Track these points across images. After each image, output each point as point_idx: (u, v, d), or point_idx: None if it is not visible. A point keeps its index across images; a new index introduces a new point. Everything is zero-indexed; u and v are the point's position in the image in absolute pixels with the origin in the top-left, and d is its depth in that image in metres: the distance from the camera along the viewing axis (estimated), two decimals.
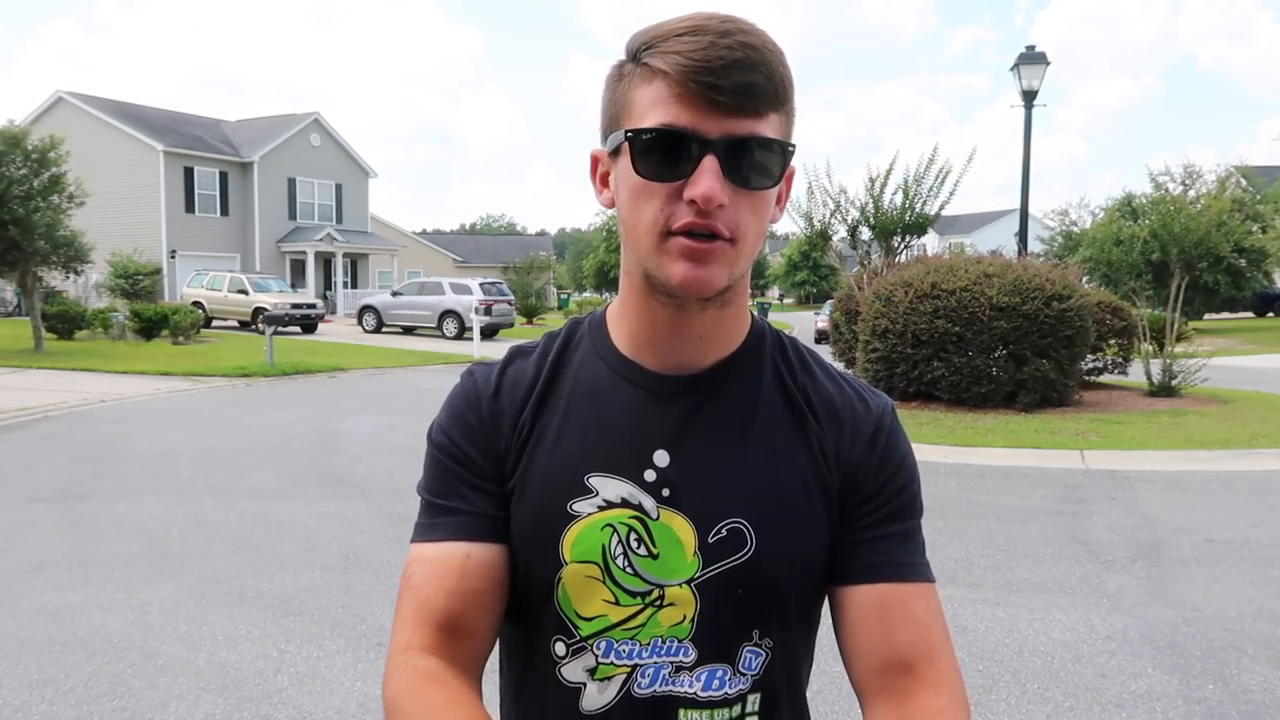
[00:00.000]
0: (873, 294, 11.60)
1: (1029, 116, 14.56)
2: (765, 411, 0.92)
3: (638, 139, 0.81)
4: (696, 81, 0.77)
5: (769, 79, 0.79)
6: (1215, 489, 7.07)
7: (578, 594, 0.88)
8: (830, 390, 0.95)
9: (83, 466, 7.98)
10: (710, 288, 0.83)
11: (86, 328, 21.99)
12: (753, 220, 0.83)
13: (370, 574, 5.01)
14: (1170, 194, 31.40)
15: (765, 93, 0.79)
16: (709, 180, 0.78)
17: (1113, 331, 12.69)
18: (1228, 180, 34.34)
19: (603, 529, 0.87)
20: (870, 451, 0.92)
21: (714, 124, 0.78)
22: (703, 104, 0.78)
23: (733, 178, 0.80)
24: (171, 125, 34.38)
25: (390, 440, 9.43)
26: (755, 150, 0.80)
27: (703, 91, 0.78)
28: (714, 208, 0.79)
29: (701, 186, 0.78)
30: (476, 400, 0.95)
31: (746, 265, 0.86)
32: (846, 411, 0.93)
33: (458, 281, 27.45)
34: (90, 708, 3.42)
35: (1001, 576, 4.93)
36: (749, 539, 0.87)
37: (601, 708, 0.88)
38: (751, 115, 0.79)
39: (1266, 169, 33.96)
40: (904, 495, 0.93)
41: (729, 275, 0.83)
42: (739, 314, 0.93)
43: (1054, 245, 37.28)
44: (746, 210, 0.82)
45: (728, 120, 0.79)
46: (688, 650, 0.87)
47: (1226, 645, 4.00)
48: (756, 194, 0.82)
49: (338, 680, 3.67)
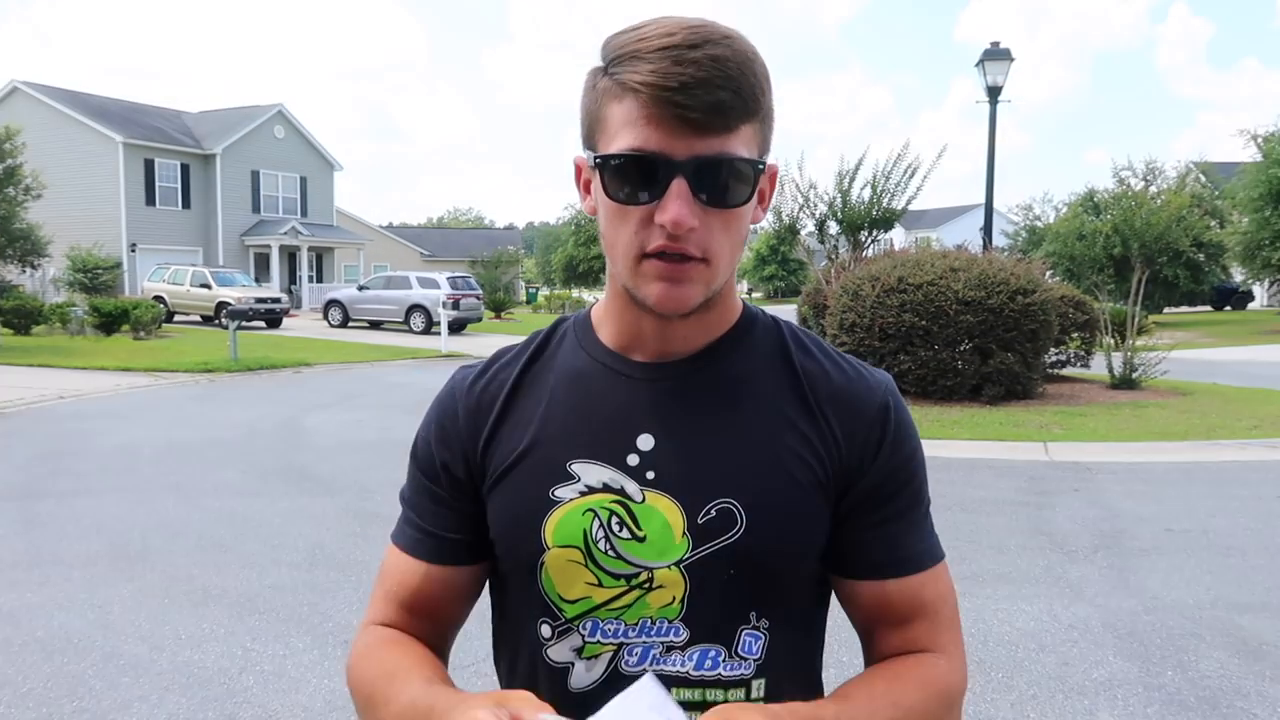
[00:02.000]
0: (840, 288, 11.68)
1: (993, 112, 14.71)
2: (758, 391, 0.92)
3: (606, 164, 0.82)
4: (664, 101, 0.78)
5: (738, 93, 0.79)
6: (1175, 480, 7.21)
7: (560, 577, 0.89)
8: (828, 369, 0.94)
9: (40, 464, 7.83)
10: (686, 305, 0.84)
11: (44, 323, 21.52)
12: (725, 238, 0.83)
13: (337, 571, 4.96)
14: (1132, 189, 31.93)
15: (734, 108, 0.79)
16: (675, 206, 0.79)
17: (1075, 325, 12.89)
18: (1187, 176, 35.01)
19: (584, 514, 0.88)
20: (873, 441, 0.91)
21: (682, 144, 0.79)
22: (670, 124, 0.78)
23: (703, 198, 0.80)
24: (131, 116, 33.76)
25: (357, 436, 9.35)
26: (724, 170, 0.80)
27: (670, 111, 0.78)
28: (683, 231, 0.80)
29: (670, 212, 0.79)
30: (454, 402, 0.98)
31: (724, 279, 0.87)
32: (844, 395, 0.92)
33: (425, 276, 27.22)
34: (50, 709, 3.36)
35: (967, 567, 4.98)
36: (739, 518, 0.87)
37: (589, 685, 0.89)
38: (720, 133, 0.79)
39: (1224, 165, 34.62)
40: (913, 484, 0.94)
41: (705, 292, 0.85)
42: (724, 306, 0.93)
43: (1018, 240, 37.81)
44: (718, 229, 0.82)
45: (696, 140, 0.79)
46: (679, 630, 0.88)
47: (1185, 633, 4.07)
48: (728, 212, 0.83)
49: (304, 678, 3.64)
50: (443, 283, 25.65)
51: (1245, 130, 28.85)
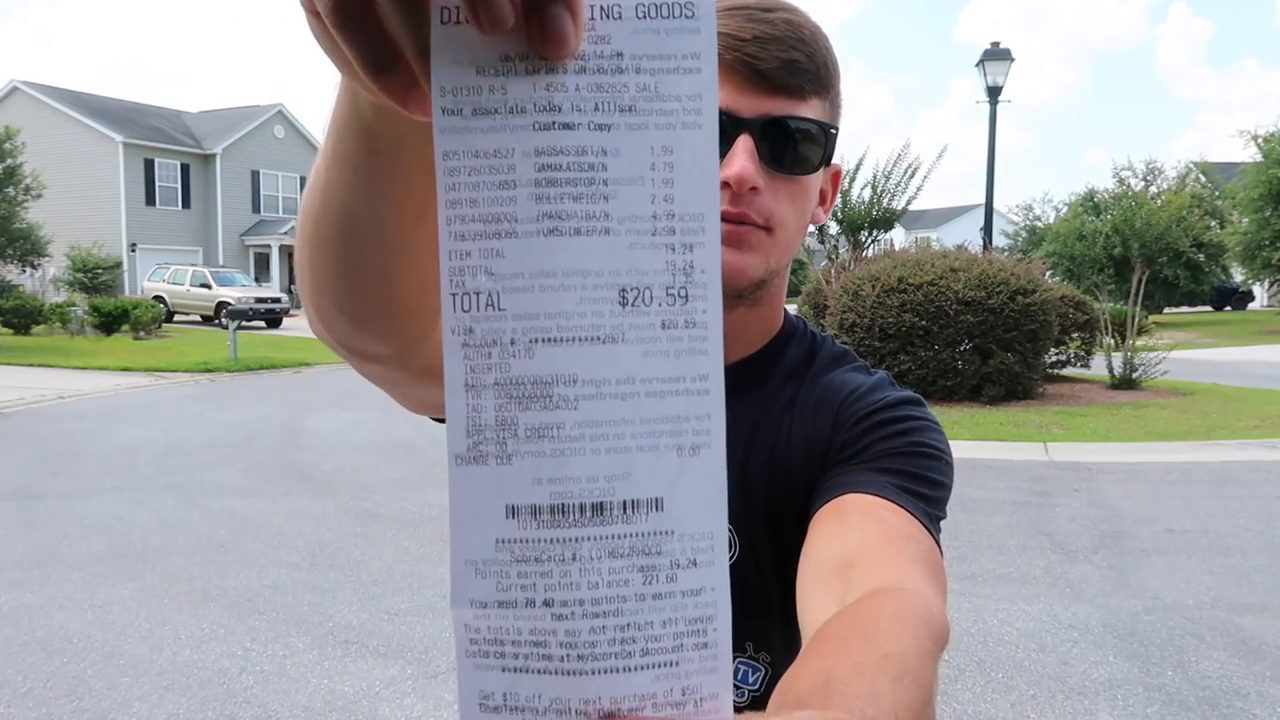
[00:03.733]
0: (840, 288, 11.67)
1: (994, 112, 14.72)
2: (768, 418, 0.87)
3: None
4: (735, 55, 0.73)
5: (811, 58, 0.76)
6: (1175, 480, 7.20)
7: None
8: (845, 388, 0.87)
9: (40, 464, 7.82)
10: (744, 276, 0.78)
11: (44, 323, 21.52)
12: (791, 209, 0.79)
13: (337, 571, 4.96)
14: (1132, 190, 31.92)
15: (808, 72, 0.76)
16: (742, 161, 0.74)
17: (1075, 325, 12.88)
18: (1187, 176, 34.99)
19: None
20: (850, 408, 0.85)
21: (751, 103, 0.75)
22: (740, 80, 0.74)
23: (769, 161, 0.76)
24: (131, 116, 33.75)
25: (357, 436, 9.35)
26: (794, 132, 0.76)
27: (740, 66, 0.74)
28: (746, 190, 0.75)
29: (735, 167, 0.74)
30: None
31: (785, 258, 0.82)
32: (840, 391, 0.87)
33: None
34: (50, 709, 3.36)
35: (967, 567, 4.98)
36: (733, 544, 0.84)
37: None
38: (793, 95, 0.76)
39: (1224, 165, 34.63)
40: (905, 438, 0.81)
41: (765, 266, 0.79)
42: (768, 315, 0.88)
43: (1018, 240, 37.78)
44: (784, 197, 0.78)
45: (766, 99, 0.75)
46: None
47: (1185, 633, 4.07)
48: (795, 180, 0.78)
49: (304, 678, 3.63)
50: None
51: (1245, 130, 28.95)
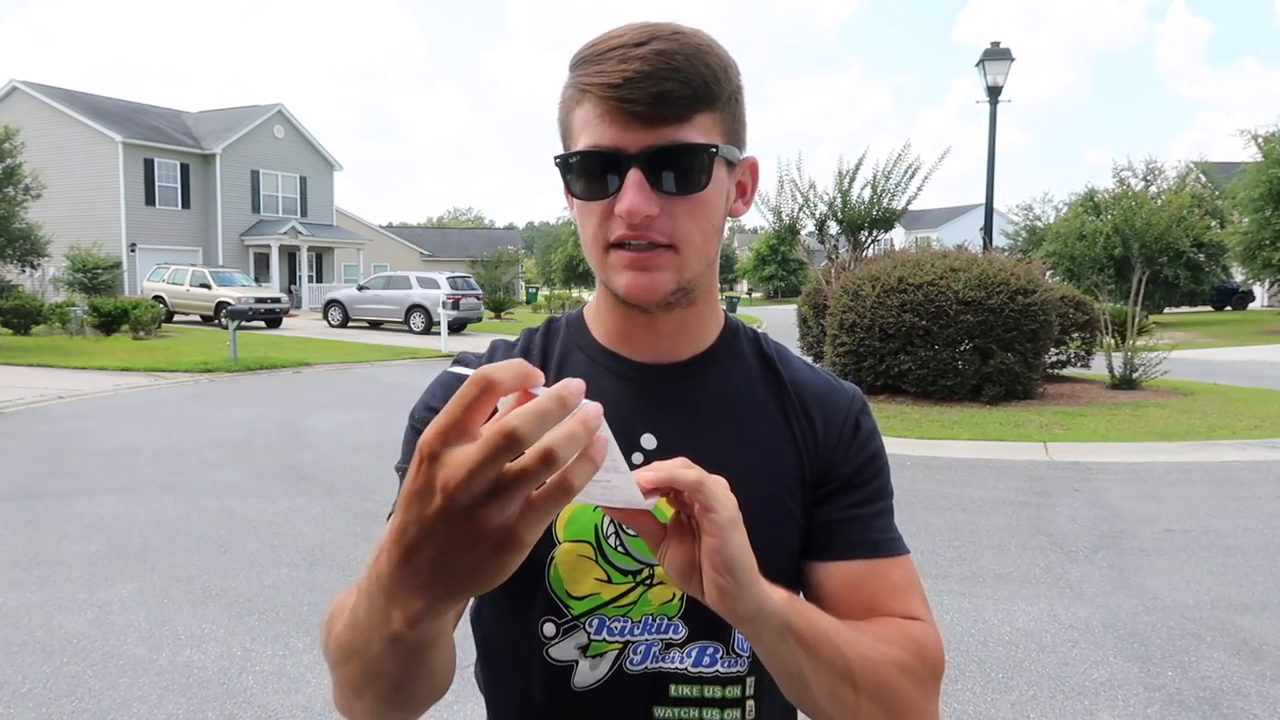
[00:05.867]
0: (840, 288, 11.67)
1: (994, 112, 14.71)
2: (748, 399, 0.95)
3: (565, 164, 0.85)
4: (610, 103, 0.80)
5: (687, 82, 0.80)
6: (1175, 480, 7.20)
7: (570, 573, 0.89)
8: (808, 378, 0.98)
9: (40, 464, 7.82)
10: (656, 293, 0.85)
11: (43, 323, 21.50)
12: (692, 224, 0.85)
13: (337, 571, 4.96)
14: (1132, 190, 31.92)
15: (682, 97, 0.80)
16: (631, 195, 0.80)
17: (1076, 325, 12.89)
18: (1188, 176, 34.99)
19: (595, 509, 0.88)
20: (847, 436, 0.95)
21: (634, 138, 0.81)
22: (623, 120, 0.81)
23: (660, 187, 0.82)
24: (130, 116, 33.73)
25: (357, 436, 9.35)
26: (676, 158, 0.82)
27: (620, 108, 0.80)
28: (639, 220, 0.81)
29: (625, 201, 0.81)
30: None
31: (697, 268, 0.88)
32: (824, 399, 0.97)
33: (425, 275, 27.17)
34: (49, 709, 3.36)
35: (967, 568, 4.98)
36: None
37: (594, 684, 0.90)
38: (671, 123, 0.81)
39: (1224, 165, 34.62)
40: (880, 478, 0.96)
41: (676, 280, 0.86)
42: (706, 311, 0.95)
43: (1019, 240, 37.79)
44: (683, 215, 0.84)
45: (645, 133, 0.81)
46: (678, 628, 0.89)
47: (1185, 633, 4.07)
48: (691, 198, 0.84)
49: (304, 679, 3.63)
50: (442, 283, 25.61)
51: (1245, 130, 28.89)
